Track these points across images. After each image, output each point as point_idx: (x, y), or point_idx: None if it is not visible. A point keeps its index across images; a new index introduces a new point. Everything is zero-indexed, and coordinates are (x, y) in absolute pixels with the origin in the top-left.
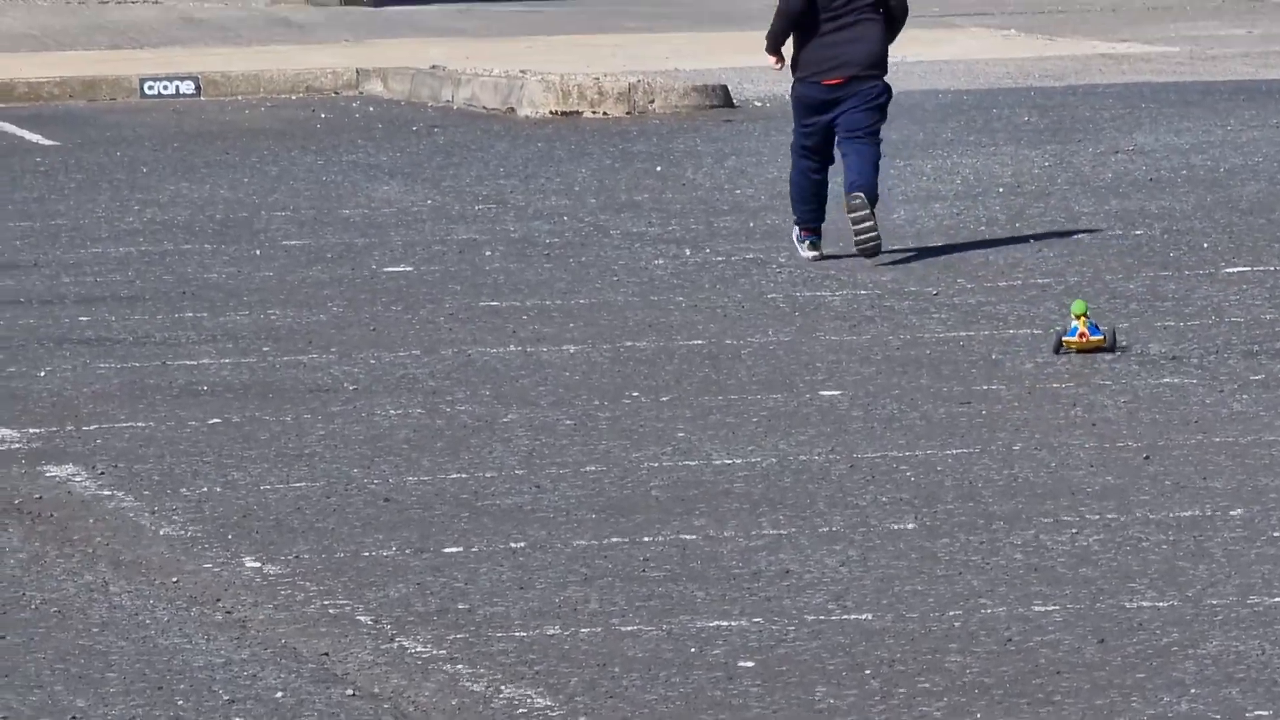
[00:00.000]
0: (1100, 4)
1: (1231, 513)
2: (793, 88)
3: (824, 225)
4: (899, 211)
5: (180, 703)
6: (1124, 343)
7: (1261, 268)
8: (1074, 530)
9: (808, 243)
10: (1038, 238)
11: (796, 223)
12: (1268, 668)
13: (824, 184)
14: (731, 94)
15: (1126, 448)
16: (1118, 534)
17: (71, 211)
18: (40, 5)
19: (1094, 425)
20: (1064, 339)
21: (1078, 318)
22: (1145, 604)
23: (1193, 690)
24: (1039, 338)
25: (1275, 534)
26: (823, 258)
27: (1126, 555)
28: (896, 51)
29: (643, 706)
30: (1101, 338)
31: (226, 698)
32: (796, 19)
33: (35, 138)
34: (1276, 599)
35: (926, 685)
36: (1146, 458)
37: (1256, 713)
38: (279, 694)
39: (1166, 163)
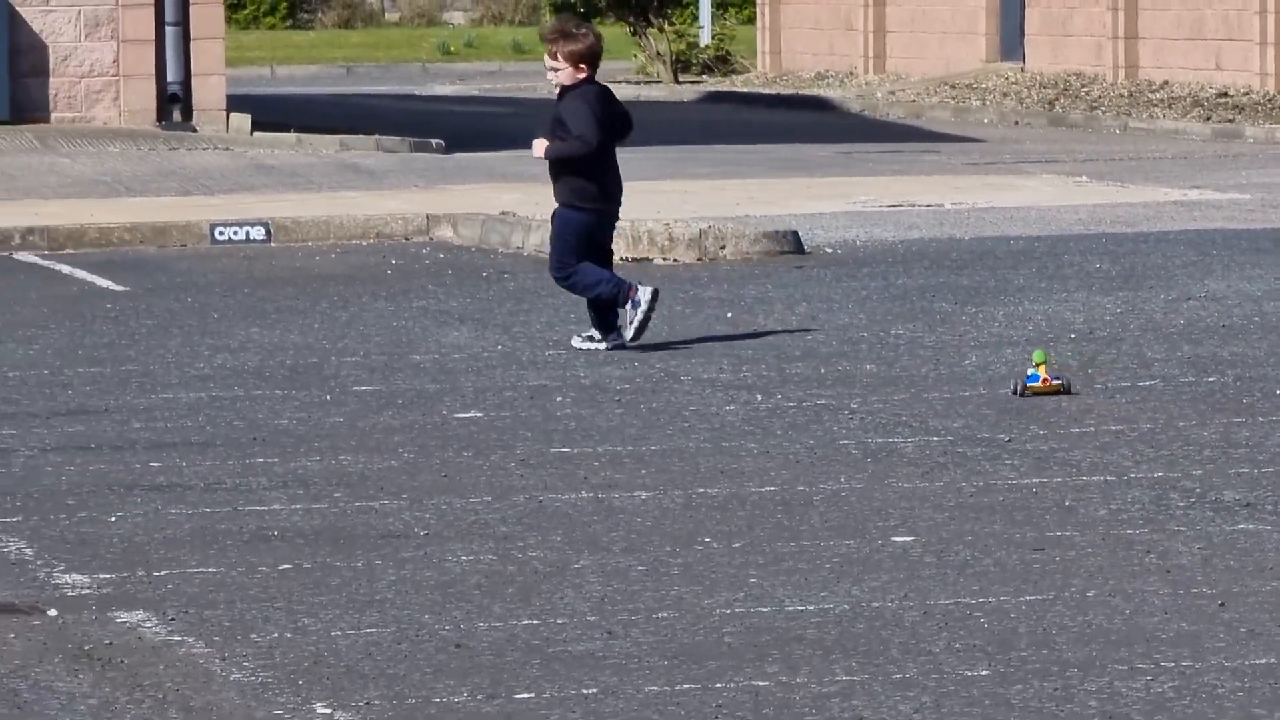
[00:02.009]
0: (1171, 151)
1: None
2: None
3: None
4: (971, 357)
5: None
6: (1078, 390)
7: None
8: (1149, 678)
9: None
10: (1110, 384)
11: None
12: None
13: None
14: (802, 240)
15: (1201, 594)
16: (1193, 681)
17: (142, 357)
18: (111, 151)
19: (1168, 572)
20: (1027, 385)
21: (1038, 365)
22: None
23: None
24: (1112, 484)
25: None
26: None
27: (1202, 703)
28: (964, 197)
29: None
30: (1060, 382)
31: None
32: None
33: (105, 283)
34: None
35: None
36: (1221, 604)
37: None
38: None
39: (1239, 309)
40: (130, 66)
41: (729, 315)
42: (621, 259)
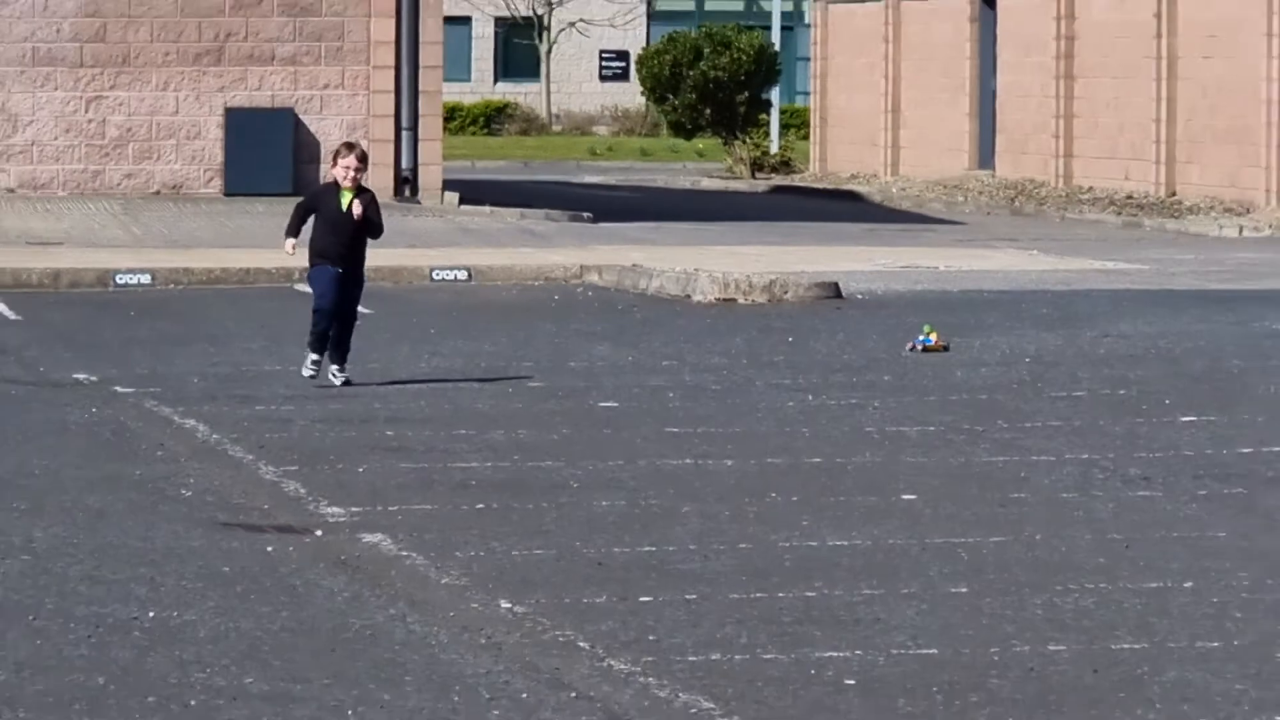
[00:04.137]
0: (1094, 235)
1: (1184, 584)
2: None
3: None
4: (958, 373)
5: (455, 699)
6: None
7: (1206, 418)
8: (1077, 595)
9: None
10: (1053, 394)
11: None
12: (1210, 690)
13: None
14: (841, 288)
15: (1113, 539)
16: (1107, 598)
17: (382, 358)
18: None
19: (1091, 523)
20: (925, 346)
21: (929, 333)
22: (1125, 646)
23: (1157, 705)
24: (1053, 462)
25: (1214, 599)
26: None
27: (1112, 613)
28: (952, 262)
29: (778, 710)
30: (945, 343)
31: (487, 696)
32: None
33: (365, 310)
34: (1215, 644)
35: (975, 699)
36: (1127, 546)
37: None
38: (523, 695)
39: (1140, 344)
40: (376, 158)
41: (790, 340)
42: (714, 299)
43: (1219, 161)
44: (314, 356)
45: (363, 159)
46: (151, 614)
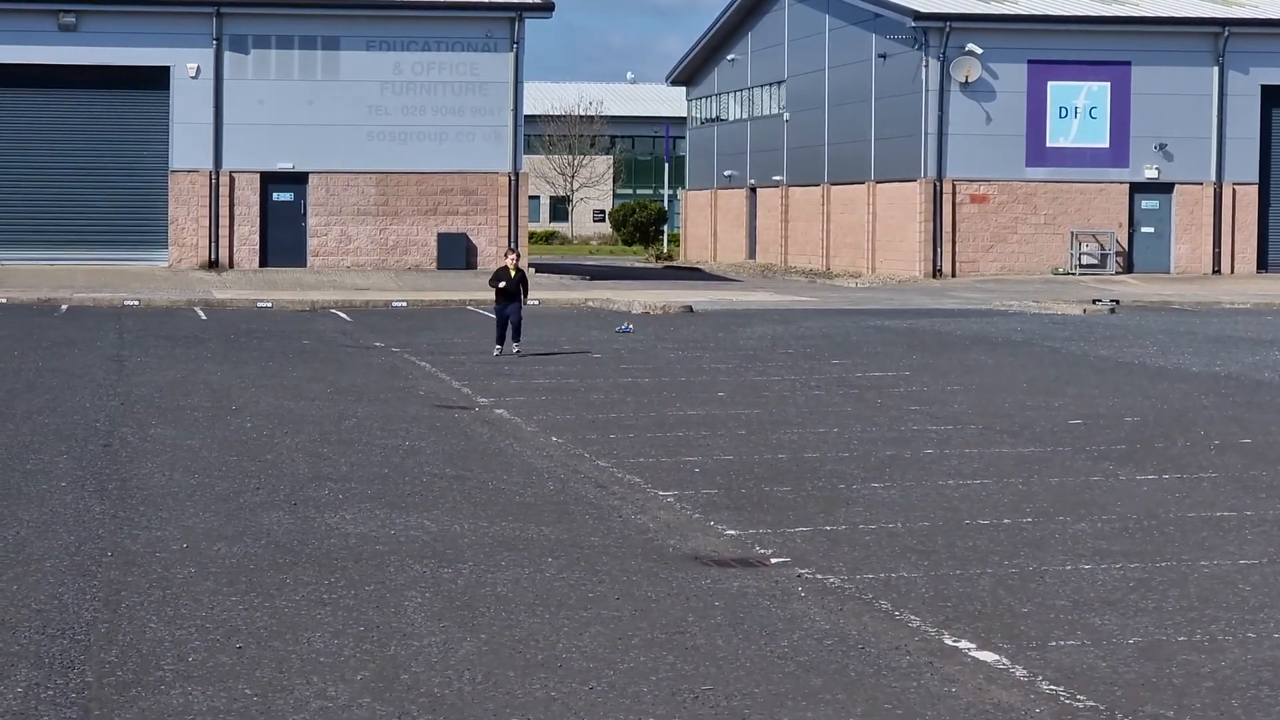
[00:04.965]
0: (797, 286)
1: (834, 430)
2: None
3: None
4: (740, 342)
5: (530, 477)
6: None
7: (844, 362)
8: (787, 431)
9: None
10: (781, 352)
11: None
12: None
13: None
14: (694, 308)
15: (804, 410)
16: (803, 432)
17: (487, 343)
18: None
19: (795, 404)
20: (625, 330)
21: (627, 324)
22: (809, 455)
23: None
24: (780, 380)
25: (839, 431)
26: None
27: (798, 438)
28: (723, 297)
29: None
30: (633, 330)
31: (545, 476)
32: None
33: (489, 315)
34: (847, 454)
35: (755, 474)
36: (810, 412)
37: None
38: (560, 474)
39: (816, 331)
40: (502, 252)
41: (671, 329)
42: (642, 312)
43: (848, 256)
44: (498, 346)
45: (518, 255)
46: (407, 443)
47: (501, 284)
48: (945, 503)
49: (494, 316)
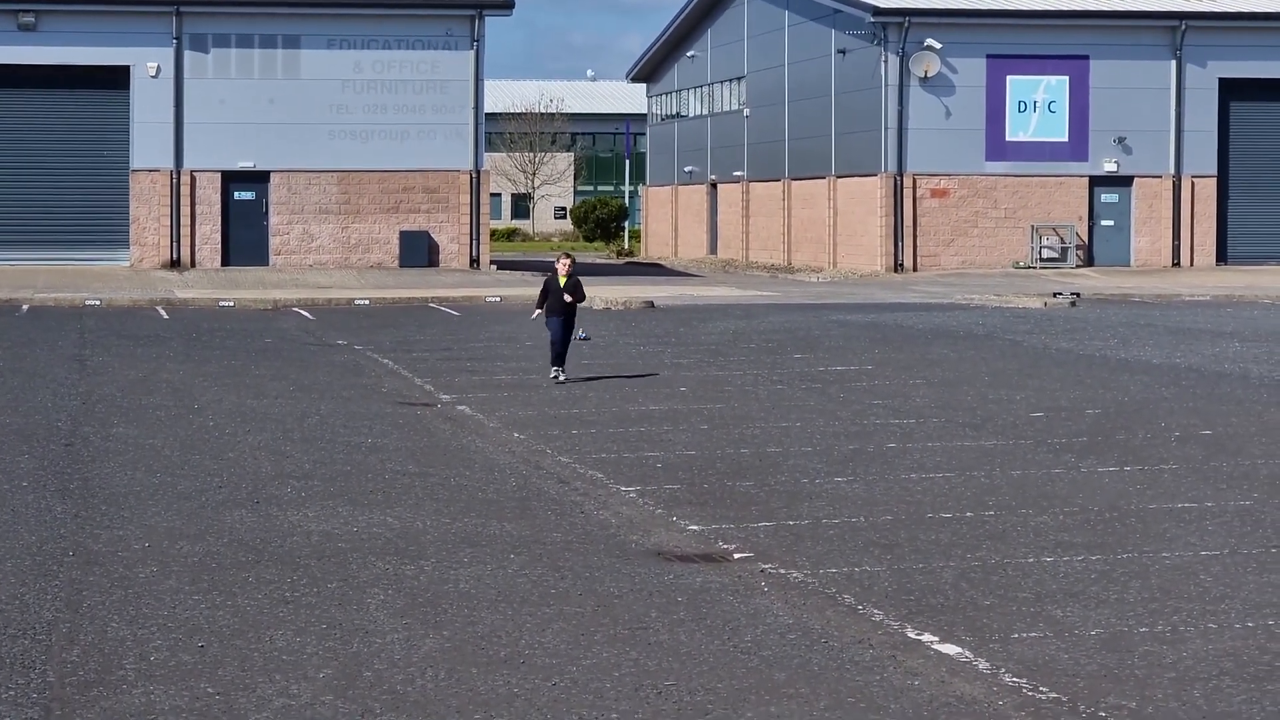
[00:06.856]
0: (758, 281)
1: (796, 423)
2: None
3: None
4: (702, 337)
5: (489, 473)
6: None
7: (804, 356)
8: (750, 425)
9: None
10: (742, 346)
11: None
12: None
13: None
14: (655, 303)
15: (766, 404)
16: (766, 426)
17: (466, 335)
18: (445, 280)
19: (758, 399)
20: (584, 338)
21: (584, 332)
22: (770, 448)
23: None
24: (742, 375)
25: (802, 425)
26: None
27: (760, 430)
28: (685, 292)
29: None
30: (589, 337)
31: (508, 471)
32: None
33: (453, 312)
34: (808, 449)
35: (717, 469)
36: (773, 407)
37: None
38: (521, 469)
39: (777, 326)
40: (464, 249)
41: (633, 324)
42: (605, 307)
43: (809, 251)
44: (555, 368)
45: (573, 262)
46: (369, 441)
47: (567, 298)
48: (908, 496)
49: (547, 332)
